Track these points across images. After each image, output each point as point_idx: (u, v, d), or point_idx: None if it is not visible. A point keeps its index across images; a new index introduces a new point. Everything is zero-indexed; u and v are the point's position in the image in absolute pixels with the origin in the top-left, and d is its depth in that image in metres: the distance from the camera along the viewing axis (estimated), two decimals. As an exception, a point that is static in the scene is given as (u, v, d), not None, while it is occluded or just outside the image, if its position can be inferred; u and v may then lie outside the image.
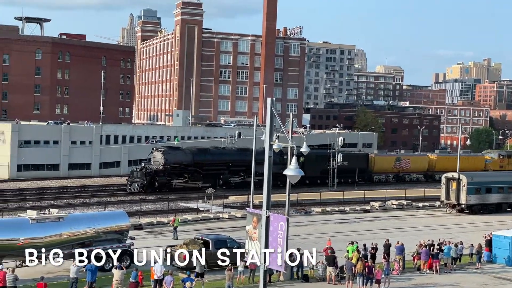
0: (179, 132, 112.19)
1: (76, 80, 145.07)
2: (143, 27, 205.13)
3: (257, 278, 32.66)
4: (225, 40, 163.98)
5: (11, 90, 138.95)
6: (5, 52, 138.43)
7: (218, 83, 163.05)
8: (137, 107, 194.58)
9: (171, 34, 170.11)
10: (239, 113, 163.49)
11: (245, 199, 66.46)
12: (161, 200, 67.17)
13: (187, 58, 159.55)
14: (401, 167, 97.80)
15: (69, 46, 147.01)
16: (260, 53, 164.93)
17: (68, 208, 56.06)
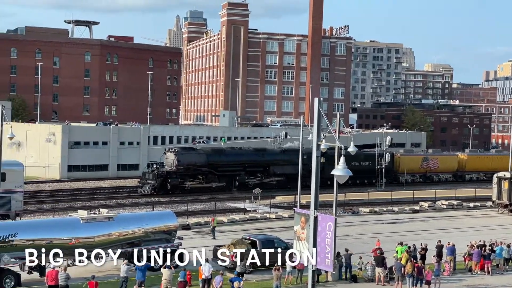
0: (225, 133, 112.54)
1: (124, 82, 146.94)
2: (189, 29, 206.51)
3: (305, 278, 32.53)
4: (271, 40, 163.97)
5: (61, 92, 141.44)
6: (55, 55, 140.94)
7: (264, 83, 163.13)
8: (184, 108, 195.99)
9: (217, 35, 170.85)
10: (285, 113, 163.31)
11: (292, 199, 66.33)
12: (208, 201, 67.48)
13: (233, 58, 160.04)
14: (428, 167, 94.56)
15: (117, 48, 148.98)
16: (306, 53, 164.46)
17: (117, 208, 56.71)
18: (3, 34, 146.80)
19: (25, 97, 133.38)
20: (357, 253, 38.98)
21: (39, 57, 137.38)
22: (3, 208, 45.45)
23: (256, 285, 34.46)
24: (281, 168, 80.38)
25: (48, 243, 33.47)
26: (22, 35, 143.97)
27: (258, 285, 34.33)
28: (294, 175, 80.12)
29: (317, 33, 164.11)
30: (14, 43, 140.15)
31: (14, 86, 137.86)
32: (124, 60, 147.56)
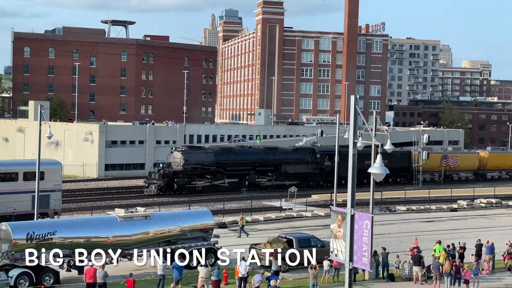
0: (261, 131, 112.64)
1: (160, 81, 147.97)
2: (224, 27, 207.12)
3: (342, 277, 32.41)
4: (307, 38, 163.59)
5: (98, 91, 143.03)
6: (92, 55, 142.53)
7: (300, 81, 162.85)
8: (220, 106, 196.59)
9: (253, 34, 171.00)
10: (321, 111, 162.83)
11: (328, 197, 66.11)
12: (244, 199, 67.58)
13: (268, 57, 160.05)
14: (448, 165, 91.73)
15: (153, 47, 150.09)
16: (342, 50, 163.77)
17: (154, 207, 57.13)
18: (41, 35, 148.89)
19: (63, 96, 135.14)
20: (394, 251, 38.70)
21: (76, 57, 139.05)
22: (42, 206, 46.03)
23: (293, 283, 34.40)
24: (293, 167, 79.02)
25: (86, 241, 33.88)
26: (60, 36, 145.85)
27: (295, 284, 34.27)
28: (306, 174, 78.93)
29: (353, 31, 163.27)
30: (52, 43, 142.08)
31: (52, 86, 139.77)
32: (160, 59, 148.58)
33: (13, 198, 47.52)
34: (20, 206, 47.62)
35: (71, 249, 33.14)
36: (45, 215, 48.14)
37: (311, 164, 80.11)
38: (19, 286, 30.95)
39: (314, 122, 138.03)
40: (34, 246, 32.09)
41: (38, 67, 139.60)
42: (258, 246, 37.42)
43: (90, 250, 33.68)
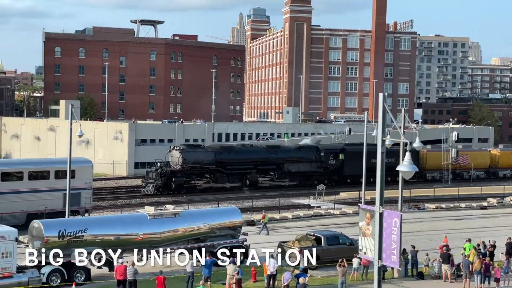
0: (289, 129, 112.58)
1: (189, 80, 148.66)
2: (252, 26, 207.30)
3: (371, 275, 32.37)
4: (334, 36, 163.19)
5: (127, 90, 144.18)
6: (122, 54, 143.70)
7: (328, 79, 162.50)
8: (248, 105, 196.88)
9: (280, 32, 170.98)
10: (349, 109, 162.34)
11: (356, 195, 65.95)
12: (272, 197, 67.70)
13: (296, 55, 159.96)
14: (458, 163, 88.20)
15: (181, 46, 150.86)
16: (370, 48, 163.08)
17: (183, 205, 57.47)
18: (71, 35, 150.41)
19: (93, 96, 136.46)
20: (423, 249, 38.54)
21: (106, 56, 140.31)
22: (73, 204, 46.54)
23: (321, 281, 34.45)
24: (296, 166, 77.23)
25: (117, 239, 34.26)
26: (90, 36, 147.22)
27: (323, 281, 34.32)
28: (310, 173, 77.33)
29: (381, 29, 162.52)
30: (82, 43, 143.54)
31: (83, 85, 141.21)
32: (189, 58, 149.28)
33: (45, 196, 48.16)
34: (51, 204, 48.25)
35: (101, 247, 33.58)
36: (76, 213, 48.72)
37: (315, 163, 78.51)
38: (50, 283, 31.40)
39: (342, 120, 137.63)
40: (65, 244, 32.59)
41: (68, 66, 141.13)
42: (286, 243, 37.55)
43: (120, 248, 34.18)
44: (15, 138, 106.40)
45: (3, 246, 30.31)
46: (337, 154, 78.96)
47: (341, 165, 78.87)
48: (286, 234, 45.86)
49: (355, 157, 76.38)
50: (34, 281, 31.15)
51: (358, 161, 77.04)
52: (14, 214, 46.28)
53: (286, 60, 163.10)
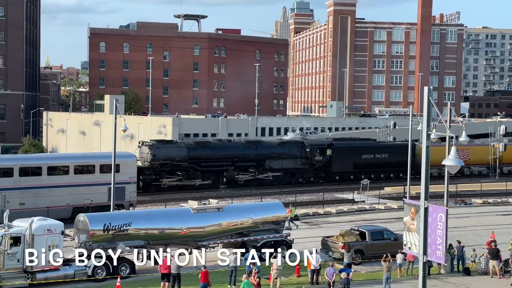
0: (333, 123, 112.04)
1: (232, 74, 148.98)
2: (296, 20, 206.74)
3: (416, 270, 31.95)
4: (379, 30, 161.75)
5: (171, 85, 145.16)
6: (165, 49, 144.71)
7: (372, 73, 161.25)
8: (291, 99, 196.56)
9: (324, 26, 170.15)
10: (393, 103, 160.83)
11: (401, 190, 65.27)
12: (317, 191, 67.42)
13: (340, 48, 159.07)
14: None
15: (224, 41, 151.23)
16: (415, 41, 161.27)
17: (226, 199, 57.61)
18: (116, 30, 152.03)
19: (137, 90, 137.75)
20: (470, 245, 37.89)
21: (150, 51, 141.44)
22: (118, 198, 47.04)
23: (365, 276, 34.14)
24: (279, 163, 72.39)
25: (160, 233, 34.48)
26: (134, 31, 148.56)
27: (367, 276, 34.00)
28: (294, 170, 72.65)
29: (427, 21, 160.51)
30: (127, 38, 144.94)
31: (127, 80, 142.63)
32: (232, 52, 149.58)
33: (90, 190, 48.79)
34: (96, 197, 48.86)
35: (145, 240, 33.84)
36: (120, 207, 49.24)
37: (300, 159, 73.47)
38: (96, 276, 31.76)
39: (386, 114, 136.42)
40: (110, 237, 32.92)
41: (113, 61, 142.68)
42: (330, 238, 37.33)
43: (164, 242, 34.39)
44: (61, 132, 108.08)
45: (50, 239, 30.81)
46: (324, 149, 74.20)
47: (329, 162, 74.42)
48: (330, 229, 45.59)
49: (344, 153, 74.56)
50: (80, 274, 31.56)
51: (347, 157, 75.04)
52: (60, 208, 46.98)
53: (330, 53, 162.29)
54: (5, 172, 46.33)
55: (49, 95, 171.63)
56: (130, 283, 31.85)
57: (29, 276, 30.43)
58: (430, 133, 21.48)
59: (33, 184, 46.91)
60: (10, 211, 33.71)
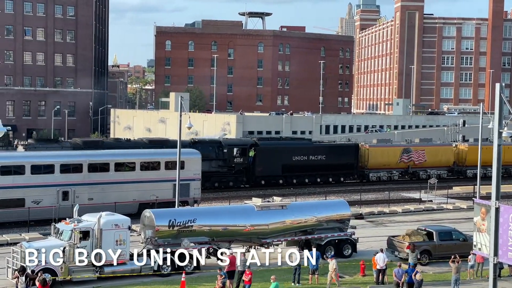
0: (399, 121, 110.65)
1: (296, 72, 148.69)
2: (361, 16, 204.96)
3: (486, 272, 31.11)
4: (448, 25, 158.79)
5: (235, 83, 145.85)
6: (230, 47, 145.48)
7: (440, 69, 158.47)
8: (356, 96, 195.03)
9: (391, 22, 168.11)
10: (463, 101, 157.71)
11: (470, 189, 63.88)
12: (382, 190, 66.61)
13: (407, 45, 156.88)
14: (411, 160, 74.71)
15: (289, 38, 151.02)
16: (486, 37, 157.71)
17: (290, 197, 57.45)
18: (181, 28, 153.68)
19: (202, 88, 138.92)
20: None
21: (214, 49, 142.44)
22: (183, 194, 47.43)
23: (433, 277, 33.44)
24: None
25: (224, 229, 34.58)
26: (199, 29, 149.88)
27: (435, 277, 33.30)
28: (208, 174, 62.82)
29: (498, 16, 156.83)
30: (192, 36, 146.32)
31: (192, 78, 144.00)
32: (296, 50, 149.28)
33: (155, 186, 49.35)
34: (162, 194, 49.39)
35: (210, 237, 33.99)
36: (185, 203, 49.65)
37: (216, 161, 64.73)
38: (162, 271, 32.08)
39: (455, 112, 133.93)
40: (175, 233, 33.18)
41: (178, 59, 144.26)
42: (396, 238, 36.74)
43: (228, 238, 34.48)
44: (127, 129, 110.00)
45: (117, 234, 31.33)
46: (245, 150, 65.64)
47: (252, 164, 66.13)
48: (396, 229, 44.88)
49: (270, 154, 66.62)
50: (146, 269, 31.92)
51: (274, 159, 66.51)
52: (127, 203, 47.66)
53: (396, 50, 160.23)
54: (74, 168, 47.29)
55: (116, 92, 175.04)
56: (194, 279, 32.04)
57: (97, 269, 30.96)
58: (502, 131, 20.87)
59: (101, 180, 47.74)
60: (80, 206, 34.39)
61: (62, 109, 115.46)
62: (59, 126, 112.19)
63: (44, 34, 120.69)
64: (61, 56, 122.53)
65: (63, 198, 45.79)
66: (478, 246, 21.72)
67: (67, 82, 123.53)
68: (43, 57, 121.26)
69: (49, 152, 49.95)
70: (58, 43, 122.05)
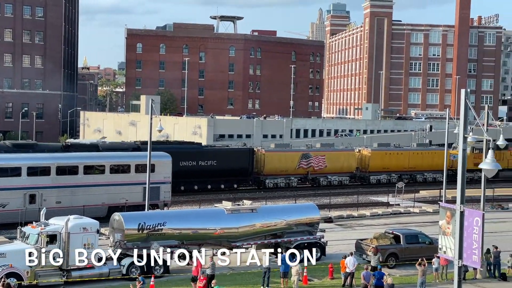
0: (368, 126, 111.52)
1: (267, 75, 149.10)
2: (332, 21, 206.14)
3: (451, 275, 31.61)
4: (416, 32, 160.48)
5: (207, 86, 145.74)
6: (201, 50, 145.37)
7: (408, 75, 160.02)
8: (327, 101, 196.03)
9: (360, 28, 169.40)
10: (430, 106, 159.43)
11: (436, 193, 64.62)
12: (351, 194, 67.09)
13: (376, 51, 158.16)
14: (310, 166, 71.28)
15: (260, 42, 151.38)
16: (452, 43, 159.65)
17: (260, 200, 57.62)
18: (152, 31, 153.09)
19: (173, 91, 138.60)
20: (506, 250, 37.35)
21: (186, 52, 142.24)
22: (153, 198, 47.32)
23: (400, 279, 33.85)
24: None
25: (194, 233, 34.62)
26: (170, 32, 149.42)
27: (402, 280, 33.71)
28: None
29: (465, 23, 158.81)
30: (163, 39, 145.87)
31: (163, 81, 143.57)
32: (268, 54, 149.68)
33: (125, 189, 49.19)
34: (132, 197, 49.26)
35: (180, 240, 33.99)
36: (155, 207, 49.55)
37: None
38: (130, 275, 31.99)
39: (423, 117, 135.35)
40: (145, 236, 33.14)
41: (149, 62, 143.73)
42: (364, 241, 37.13)
43: (198, 242, 34.50)
44: (97, 132, 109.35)
45: (86, 237, 31.10)
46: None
47: None
48: (364, 232, 45.32)
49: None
50: (114, 273, 31.81)
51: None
52: (96, 207, 47.47)
53: (366, 55, 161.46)
54: (42, 171, 46.91)
55: (86, 95, 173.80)
56: (164, 283, 32.03)
57: (65, 273, 30.75)
58: (467, 136, 21.26)
59: (69, 183, 47.43)
60: (47, 210, 34.14)
61: (30, 111, 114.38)
62: (27, 129, 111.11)
63: (12, 35, 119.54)
64: (29, 58, 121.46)
65: (30, 201, 45.41)
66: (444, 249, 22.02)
67: (35, 83, 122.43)
68: (11, 58, 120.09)
69: (17, 155, 49.39)
70: (27, 44, 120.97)
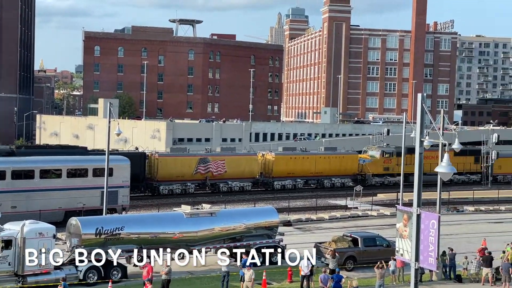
0: (326, 130, 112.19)
1: (226, 79, 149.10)
2: (291, 26, 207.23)
3: (407, 277, 31.96)
4: (373, 36, 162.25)
5: (166, 89, 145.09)
6: (160, 54, 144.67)
7: (366, 79, 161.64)
8: (285, 105, 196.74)
9: (319, 32, 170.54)
10: (387, 110, 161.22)
11: (394, 196, 65.36)
12: (310, 197, 67.38)
13: (334, 55, 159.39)
14: (209, 171, 68.21)
15: (219, 46, 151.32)
16: (409, 48, 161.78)
17: (219, 204, 57.53)
18: (111, 34, 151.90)
19: (132, 94, 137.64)
20: (461, 252, 37.96)
21: (145, 55, 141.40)
22: (111, 202, 46.89)
23: (358, 282, 34.08)
24: None
25: (153, 237, 34.40)
26: (128, 35, 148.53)
27: (360, 283, 33.92)
28: None
29: (421, 29, 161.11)
30: (122, 42, 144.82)
31: (121, 84, 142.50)
32: (227, 57, 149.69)
33: (82, 194, 48.68)
34: (89, 201, 48.74)
35: (138, 245, 33.74)
36: (113, 211, 49.10)
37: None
38: (88, 280, 31.64)
39: (380, 120, 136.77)
40: (102, 241, 32.81)
41: (107, 65, 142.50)
42: (323, 244, 37.32)
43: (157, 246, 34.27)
44: (54, 135, 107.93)
45: (42, 242, 30.62)
46: None
47: None
48: (323, 235, 45.57)
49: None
50: (71, 278, 31.38)
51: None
52: (53, 211, 46.83)
53: (324, 60, 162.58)
54: (-3, 175, 46.10)
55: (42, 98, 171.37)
56: (121, 287, 31.75)
57: (20, 279, 30.28)
58: (424, 140, 21.53)
59: (25, 187, 46.73)
60: (2, 214, 33.57)
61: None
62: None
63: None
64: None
65: (-16, 206, 44.59)
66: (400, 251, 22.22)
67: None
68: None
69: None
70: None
